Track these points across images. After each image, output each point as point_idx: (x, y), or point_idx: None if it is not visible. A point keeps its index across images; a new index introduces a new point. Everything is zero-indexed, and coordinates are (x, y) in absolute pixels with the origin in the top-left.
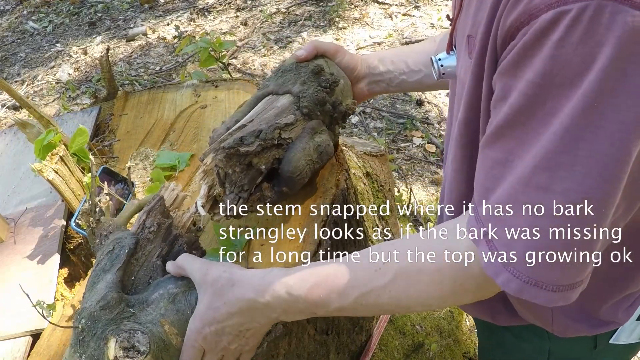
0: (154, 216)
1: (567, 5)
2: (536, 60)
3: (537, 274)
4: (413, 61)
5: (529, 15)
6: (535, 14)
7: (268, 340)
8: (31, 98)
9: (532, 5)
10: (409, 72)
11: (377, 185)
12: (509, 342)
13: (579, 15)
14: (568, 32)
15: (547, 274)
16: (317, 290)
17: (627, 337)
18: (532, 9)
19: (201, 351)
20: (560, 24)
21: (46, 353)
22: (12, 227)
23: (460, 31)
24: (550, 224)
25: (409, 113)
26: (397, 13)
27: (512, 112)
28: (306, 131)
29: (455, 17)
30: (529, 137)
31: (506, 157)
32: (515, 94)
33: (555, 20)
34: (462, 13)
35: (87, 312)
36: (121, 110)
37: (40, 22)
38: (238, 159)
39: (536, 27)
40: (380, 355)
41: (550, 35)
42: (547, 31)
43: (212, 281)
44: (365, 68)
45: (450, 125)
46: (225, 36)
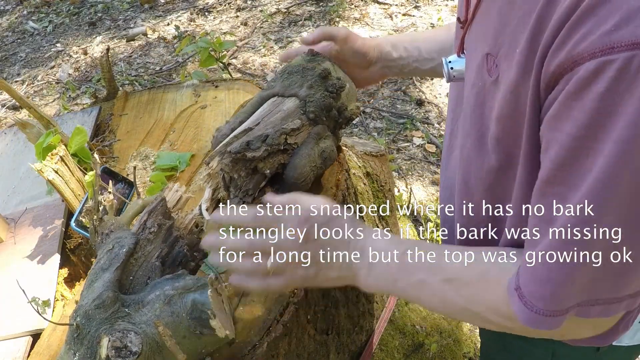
0: (155, 217)
1: (611, 55)
2: (576, 112)
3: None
4: (426, 49)
5: (572, 63)
6: (578, 61)
7: (268, 340)
8: (31, 98)
9: (575, 53)
10: (422, 60)
11: (377, 185)
12: (512, 344)
13: (626, 65)
14: (614, 83)
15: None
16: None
17: (630, 339)
18: (575, 57)
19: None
20: (604, 75)
21: (46, 353)
22: (12, 227)
23: (472, 41)
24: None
25: (409, 113)
26: (397, 13)
27: (554, 167)
28: (311, 136)
29: (467, 23)
30: (571, 193)
31: (550, 215)
32: (557, 147)
33: (598, 71)
34: (475, 22)
35: (83, 310)
36: (121, 110)
37: (40, 22)
38: (244, 163)
39: (578, 76)
40: (380, 355)
41: (592, 86)
42: (589, 82)
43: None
44: (377, 53)
45: (450, 126)
46: (225, 36)
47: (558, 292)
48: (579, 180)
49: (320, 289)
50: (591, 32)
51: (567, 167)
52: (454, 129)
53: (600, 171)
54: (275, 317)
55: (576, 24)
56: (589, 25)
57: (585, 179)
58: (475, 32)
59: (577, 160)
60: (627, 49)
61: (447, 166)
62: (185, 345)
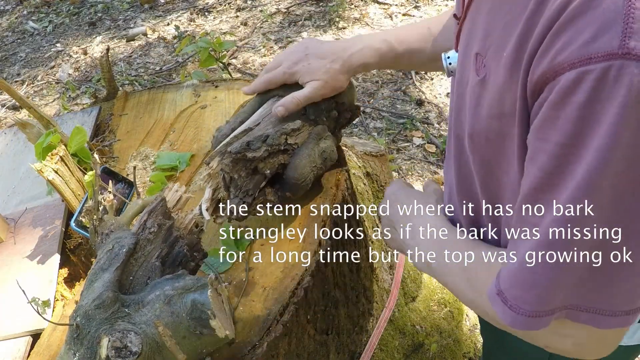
0: (155, 217)
1: (589, 65)
2: (561, 122)
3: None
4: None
5: (554, 72)
6: (559, 71)
7: (268, 340)
8: (31, 98)
9: (556, 63)
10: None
11: (377, 185)
12: (510, 342)
13: (603, 75)
14: (593, 93)
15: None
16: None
17: (628, 338)
18: (556, 66)
19: None
20: (584, 84)
21: (46, 353)
22: (12, 227)
23: (464, 38)
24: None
25: (409, 113)
26: (397, 13)
27: (543, 175)
28: (312, 137)
29: (461, 20)
30: (557, 199)
31: (536, 220)
32: (545, 156)
33: (578, 81)
34: (467, 20)
35: (83, 310)
36: (121, 110)
37: (40, 22)
38: (244, 163)
39: (560, 86)
40: (380, 355)
41: (573, 96)
42: (570, 91)
43: None
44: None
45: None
46: (225, 36)
47: (543, 294)
48: (563, 186)
49: (320, 290)
50: (571, 42)
51: (554, 174)
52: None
53: (583, 177)
54: (275, 317)
55: (557, 34)
56: (568, 35)
57: (569, 185)
58: (467, 29)
59: (563, 167)
60: (604, 59)
61: (448, 166)
62: (185, 345)
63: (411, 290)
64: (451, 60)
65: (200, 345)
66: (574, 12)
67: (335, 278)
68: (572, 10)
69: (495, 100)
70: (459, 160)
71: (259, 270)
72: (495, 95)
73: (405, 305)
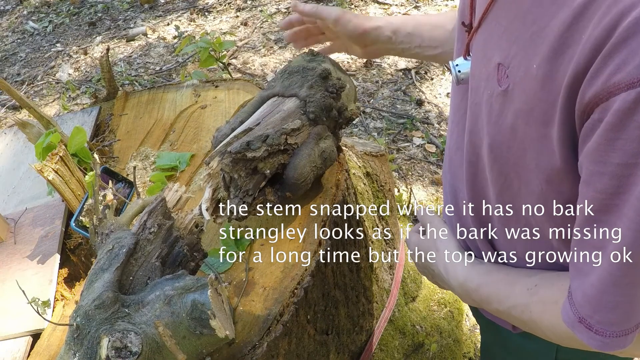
0: (155, 217)
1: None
2: (621, 142)
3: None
4: (430, 36)
5: (608, 93)
6: (614, 92)
7: (268, 340)
8: (31, 98)
9: (611, 84)
10: (425, 47)
11: (377, 185)
12: (514, 342)
13: None
14: None
15: None
16: (483, 290)
17: None
18: (610, 87)
19: None
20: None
21: (46, 353)
22: (12, 227)
23: (480, 47)
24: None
25: (409, 113)
26: (397, 13)
27: (603, 197)
28: (312, 137)
29: (474, 29)
30: (622, 222)
31: (601, 243)
32: (605, 177)
33: (638, 101)
34: (482, 29)
35: (83, 311)
36: (121, 110)
37: (40, 22)
38: (244, 163)
39: (617, 107)
40: (380, 355)
41: (633, 116)
42: (629, 112)
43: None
44: (374, 36)
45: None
46: (225, 36)
47: (628, 312)
48: (629, 206)
49: (320, 290)
50: (626, 62)
51: (615, 195)
52: (457, 131)
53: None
54: (275, 317)
55: (610, 55)
56: (623, 55)
57: (634, 204)
58: (483, 38)
59: (626, 187)
60: None
61: (450, 167)
62: (185, 346)
63: (411, 290)
64: (460, 68)
65: (200, 345)
66: (627, 30)
67: (335, 278)
68: (626, 28)
69: (522, 112)
70: (474, 167)
71: (259, 270)
72: (522, 107)
73: (405, 305)
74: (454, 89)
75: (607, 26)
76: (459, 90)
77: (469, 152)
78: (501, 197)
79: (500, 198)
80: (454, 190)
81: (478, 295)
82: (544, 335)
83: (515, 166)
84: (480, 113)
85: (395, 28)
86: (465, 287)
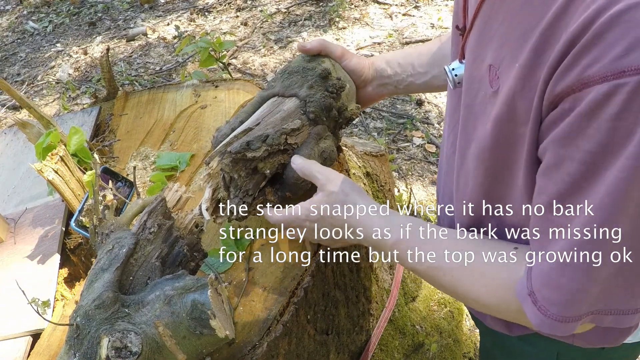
0: (155, 217)
1: (622, 78)
2: (592, 131)
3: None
4: (419, 63)
5: (582, 84)
6: (588, 83)
7: (268, 340)
8: (31, 98)
9: (586, 76)
10: (416, 74)
11: (377, 185)
12: (514, 346)
13: (637, 88)
14: (626, 104)
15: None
16: (401, 245)
17: (633, 336)
18: (585, 79)
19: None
20: (617, 97)
21: (46, 353)
22: (12, 227)
23: (472, 49)
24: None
25: (409, 113)
26: (397, 13)
27: (572, 180)
28: (312, 137)
29: (467, 31)
30: (587, 204)
31: (566, 222)
32: (575, 162)
33: (611, 93)
34: (474, 31)
35: (83, 311)
36: (121, 110)
37: (40, 22)
38: (244, 163)
39: (590, 98)
40: (380, 355)
41: (606, 107)
42: (602, 103)
43: (330, 192)
44: (372, 71)
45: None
46: (225, 36)
47: (572, 298)
48: (593, 191)
49: (320, 290)
50: (602, 56)
51: (583, 179)
52: (452, 132)
53: (613, 184)
54: (275, 317)
55: (585, 48)
56: (599, 49)
57: (599, 190)
58: (475, 40)
59: (593, 173)
60: (637, 72)
61: (447, 168)
62: (185, 346)
63: (411, 290)
64: (456, 71)
65: (200, 345)
66: (602, 27)
67: (335, 278)
68: (601, 25)
69: (506, 109)
70: (460, 167)
71: (259, 270)
72: (506, 105)
73: (405, 305)
74: (450, 93)
75: (584, 21)
76: (455, 94)
77: (459, 154)
78: (488, 194)
79: (487, 195)
80: (450, 192)
81: (394, 249)
82: (462, 300)
83: (505, 162)
84: (472, 115)
85: (387, 59)
86: (382, 242)
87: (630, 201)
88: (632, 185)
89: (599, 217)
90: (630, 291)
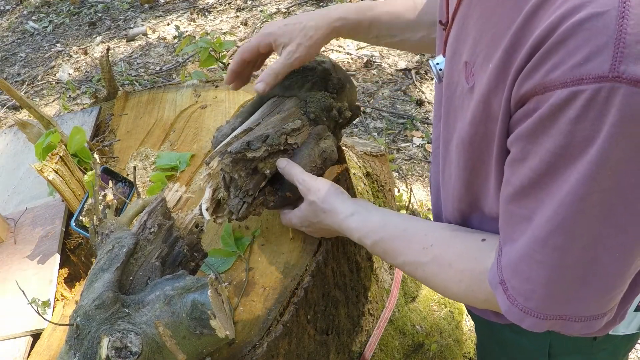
0: (155, 217)
1: (581, 85)
2: (554, 132)
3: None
4: (388, 27)
5: (544, 88)
6: (550, 87)
7: (268, 340)
8: (31, 98)
9: (548, 80)
10: (382, 36)
11: (377, 185)
12: (508, 338)
13: (594, 96)
14: (584, 110)
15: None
16: (378, 246)
17: (625, 327)
18: (546, 83)
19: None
20: (575, 103)
21: (46, 353)
22: (12, 227)
23: (451, 44)
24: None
25: (409, 113)
26: None
27: (534, 175)
28: (312, 137)
29: (449, 27)
30: (548, 199)
31: (529, 214)
32: (537, 159)
33: (569, 99)
34: (454, 26)
35: (83, 311)
36: (121, 110)
37: (40, 22)
38: (244, 163)
39: (552, 101)
40: (380, 355)
41: (566, 111)
42: (562, 107)
43: (310, 201)
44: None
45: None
46: (225, 36)
47: (537, 292)
48: (555, 189)
49: (320, 290)
50: (563, 61)
51: (546, 177)
52: (437, 126)
53: (573, 184)
54: (275, 317)
55: (549, 52)
56: (561, 54)
57: (561, 188)
58: (453, 35)
59: (553, 172)
60: (595, 81)
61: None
62: (185, 346)
63: (411, 290)
64: (440, 66)
65: (200, 345)
66: (565, 32)
67: (335, 278)
68: (565, 31)
69: (478, 109)
70: (444, 161)
71: (259, 270)
72: (482, 103)
73: (405, 305)
74: (437, 88)
75: (548, 26)
76: (440, 88)
77: (442, 147)
78: (468, 190)
79: (467, 191)
80: (437, 184)
81: (373, 250)
82: (438, 292)
83: (481, 159)
84: (452, 108)
85: (350, 28)
86: (363, 243)
87: (589, 204)
88: (592, 189)
89: (560, 216)
90: (598, 295)
